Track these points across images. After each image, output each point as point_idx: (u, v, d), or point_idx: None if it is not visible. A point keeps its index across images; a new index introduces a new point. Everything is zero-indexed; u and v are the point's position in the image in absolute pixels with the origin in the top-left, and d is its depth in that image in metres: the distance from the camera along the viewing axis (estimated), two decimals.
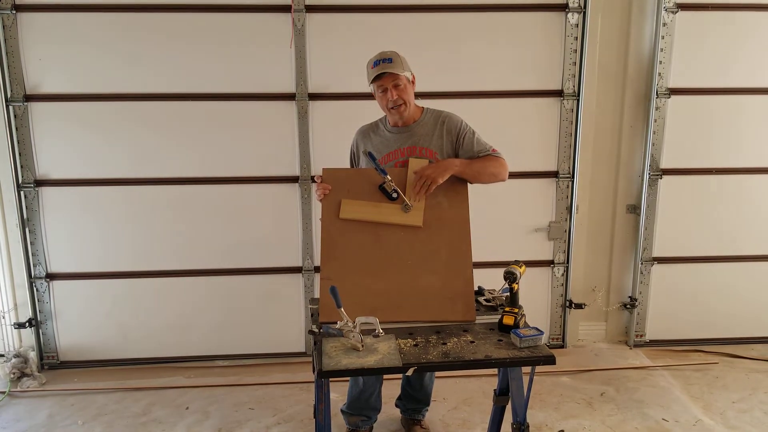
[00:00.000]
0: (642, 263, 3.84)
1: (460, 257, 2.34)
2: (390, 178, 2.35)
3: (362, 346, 2.03)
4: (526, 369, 2.17)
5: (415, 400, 2.91)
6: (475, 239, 2.36)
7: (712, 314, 3.92)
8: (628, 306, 3.95)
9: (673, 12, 3.55)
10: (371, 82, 2.46)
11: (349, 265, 2.33)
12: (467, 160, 2.43)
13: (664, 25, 3.55)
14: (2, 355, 3.62)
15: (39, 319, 3.64)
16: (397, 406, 2.99)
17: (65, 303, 3.65)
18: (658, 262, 3.85)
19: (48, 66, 3.41)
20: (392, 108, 2.45)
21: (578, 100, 3.63)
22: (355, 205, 2.38)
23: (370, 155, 2.45)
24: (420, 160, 2.43)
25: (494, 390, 2.53)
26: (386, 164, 2.49)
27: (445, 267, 2.33)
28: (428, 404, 2.95)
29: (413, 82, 2.53)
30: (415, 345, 2.08)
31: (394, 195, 2.36)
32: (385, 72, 2.39)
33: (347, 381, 2.84)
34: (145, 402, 3.27)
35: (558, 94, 3.64)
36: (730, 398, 3.28)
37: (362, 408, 2.78)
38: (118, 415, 3.15)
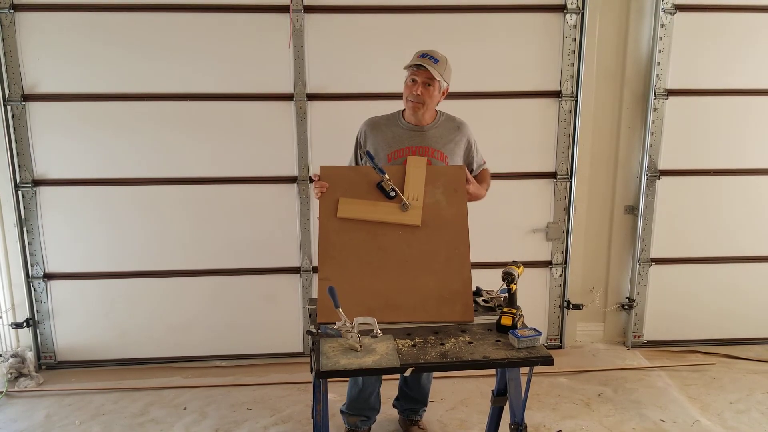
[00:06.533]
0: (640, 264, 3.84)
1: (458, 257, 2.34)
2: (388, 177, 2.34)
3: (360, 346, 2.03)
4: (524, 369, 2.17)
5: (412, 401, 2.91)
6: (474, 240, 2.37)
7: (710, 315, 3.93)
8: (625, 307, 3.96)
9: (671, 13, 3.55)
10: (407, 66, 2.46)
11: (347, 264, 2.32)
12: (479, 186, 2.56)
13: (662, 26, 3.56)
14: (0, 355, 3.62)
15: (36, 319, 3.63)
16: (394, 406, 2.99)
17: (63, 303, 3.64)
18: (656, 263, 3.85)
19: (46, 66, 3.40)
20: (411, 101, 2.46)
21: (576, 101, 3.63)
22: (352, 203, 2.36)
23: (368, 154, 2.45)
24: (419, 159, 2.42)
25: (492, 390, 2.53)
26: (396, 160, 2.49)
27: (444, 267, 2.33)
28: (426, 405, 2.95)
29: (444, 93, 2.53)
30: (413, 345, 2.08)
31: (392, 194, 2.36)
32: (424, 66, 2.40)
33: (345, 381, 2.83)
34: (142, 402, 3.27)
35: (556, 95, 3.64)
36: (727, 399, 3.28)
37: (362, 408, 2.78)
38: (115, 415, 3.14)
